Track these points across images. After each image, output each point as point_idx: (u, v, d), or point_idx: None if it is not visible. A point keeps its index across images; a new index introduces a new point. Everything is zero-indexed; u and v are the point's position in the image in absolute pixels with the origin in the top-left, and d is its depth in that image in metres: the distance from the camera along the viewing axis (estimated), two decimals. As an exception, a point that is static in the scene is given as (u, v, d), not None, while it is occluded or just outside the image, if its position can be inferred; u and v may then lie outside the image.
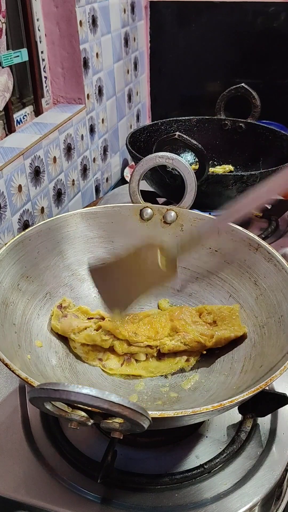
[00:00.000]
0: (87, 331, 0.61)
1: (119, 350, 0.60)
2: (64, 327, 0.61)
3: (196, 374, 0.60)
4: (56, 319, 0.62)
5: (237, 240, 0.64)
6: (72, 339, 0.61)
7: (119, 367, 0.60)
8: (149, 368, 0.60)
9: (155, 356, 0.61)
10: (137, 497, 0.51)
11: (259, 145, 1.03)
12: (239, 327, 0.60)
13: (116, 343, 0.61)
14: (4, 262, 0.58)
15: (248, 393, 0.43)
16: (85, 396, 0.34)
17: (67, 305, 0.64)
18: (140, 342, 0.60)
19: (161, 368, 0.61)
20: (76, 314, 0.63)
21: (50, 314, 0.63)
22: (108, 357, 0.61)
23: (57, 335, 0.62)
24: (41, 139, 1.00)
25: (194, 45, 1.53)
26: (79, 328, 0.61)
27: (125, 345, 0.60)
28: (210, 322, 0.62)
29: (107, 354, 0.61)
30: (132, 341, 0.60)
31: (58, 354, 0.60)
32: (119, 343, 0.61)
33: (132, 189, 0.69)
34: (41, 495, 0.51)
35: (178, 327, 0.61)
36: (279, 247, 0.92)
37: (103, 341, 0.60)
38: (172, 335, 0.61)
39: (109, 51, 1.30)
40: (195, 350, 0.61)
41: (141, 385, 0.59)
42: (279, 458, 0.54)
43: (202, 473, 0.53)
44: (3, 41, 0.92)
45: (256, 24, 1.44)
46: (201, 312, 0.64)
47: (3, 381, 0.65)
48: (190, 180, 0.67)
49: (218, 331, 0.60)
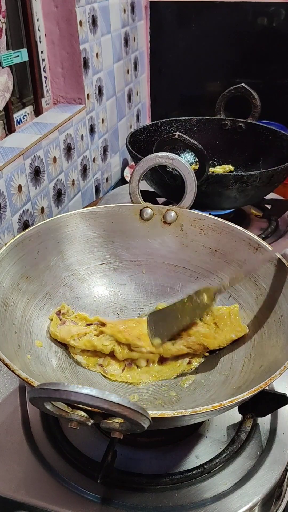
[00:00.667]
0: (87, 336, 0.60)
1: (120, 356, 0.59)
2: (63, 334, 0.60)
3: (196, 374, 0.60)
4: (55, 326, 0.61)
5: (237, 240, 0.64)
6: (72, 346, 0.60)
7: (120, 372, 0.59)
8: (151, 372, 0.60)
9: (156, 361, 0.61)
10: (137, 497, 0.51)
11: (259, 145, 1.03)
12: (240, 327, 0.60)
13: (116, 348, 0.60)
14: (4, 262, 0.58)
15: (248, 393, 0.43)
16: (85, 396, 0.34)
17: (66, 311, 0.63)
18: (143, 347, 0.59)
19: (164, 372, 0.60)
20: (74, 321, 0.62)
21: (49, 316, 0.63)
22: (109, 362, 0.60)
23: (56, 340, 0.61)
24: (41, 139, 1.00)
25: (194, 45, 1.53)
26: (79, 334, 0.60)
27: (126, 350, 0.60)
28: (211, 323, 0.62)
29: (107, 360, 0.60)
30: (135, 346, 0.59)
31: (58, 354, 0.60)
32: (120, 348, 0.60)
33: (132, 189, 0.69)
34: (41, 495, 0.51)
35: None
36: (279, 247, 0.91)
37: (103, 346, 0.60)
38: (174, 338, 0.60)
39: (109, 51, 1.30)
40: (198, 353, 0.61)
41: (141, 385, 0.59)
42: (279, 458, 0.54)
43: (202, 473, 0.53)
44: (3, 41, 0.92)
45: (256, 24, 1.44)
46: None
47: (3, 381, 0.65)
48: (190, 180, 0.67)
49: (220, 332, 0.60)
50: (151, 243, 0.70)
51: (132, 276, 0.70)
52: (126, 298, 0.69)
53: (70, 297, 0.66)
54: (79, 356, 0.61)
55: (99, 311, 0.67)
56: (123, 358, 0.60)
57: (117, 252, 0.70)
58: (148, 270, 0.70)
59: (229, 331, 0.60)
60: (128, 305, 0.68)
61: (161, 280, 0.69)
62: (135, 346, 0.59)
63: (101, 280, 0.69)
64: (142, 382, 0.59)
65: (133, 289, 0.70)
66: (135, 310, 0.68)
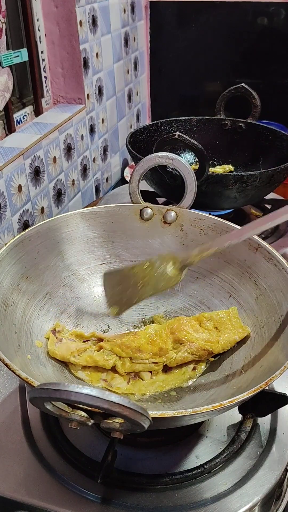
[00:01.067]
0: (88, 352, 0.59)
1: (121, 370, 0.58)
2: (62, 352, 0.58)
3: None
4: (53, 344, 0.59)
5: (237, 240, 0.64)
6: (73, 363, 0.58)
7: (126, 385, 0.58)
8: (157, 383, 0.58)
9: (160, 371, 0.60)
10: (137, 497, 0.51)
11: (259, 145, 1.03)
12: (242, 329, 0.60)
13: (118, 363, 0.58)
14: (4, 262, 0.58)
15: (248, 393, 0.43)
16: (86, 396, 0.34)
17: (61, 329, 0.61)
18: (145, 359, 0.58)
19: (169, 381, 0.59)
20: (71, 338, 0.61)
21: (44, 335, 0.60)
22: (113, 376, 0.59)
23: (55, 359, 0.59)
24: (41, 139, 1.00)
25: (194, 45, 1.53)
26: (79, 350, 0.58)
27: (128, 364, 0.58)
28: (212, 328, 0.61)
29: (110, 374, 0.59)
30: (136, 358, 0.58)
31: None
32: (121, 363, 0.58)
33: (132, 189, 0.69)
34: (41, 495, 0.51)
35: (182, 338, 0.59)
36: (279, 247, 0.92)
37: (105, 362, 0.58)
38: (176, 347, 0.59)
39: (109, 51, 1.30)
40: (202, 359, 0.60)
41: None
42: (279, 458, 0.54)
43: (202, 473, 0.53)
44: (3, 41, 0.92)
45: (256, 24, 1.44)
46: (200, 320, 0.62)
47: (3, 381, 0.65)
48: (190, 180, 0.67)
49: (222, 335, 0.59)
50: (151, 243, 0.70)
51: (132, 276, 0.70)
52: (126, 298, 0.69)
53: (70, 297, 0.66)
54: (81, 372, 0.59)
55: (99, 311, 0.67)
56: (125, 372, 0.58)
57: (117, 252, 0.70)
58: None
59: (231, 333, 0.59)
60: (128, 305, 0.68)
61: (161, 280, 0.69)
62: (137, 358, 0.58)
63: (101, 280, 0.69)
64: (149, 392, 0.58)
65: (133, 289, 0.69)
66: (135, 310, 0.68)
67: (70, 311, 0.65)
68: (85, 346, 0.59)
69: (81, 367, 0.59)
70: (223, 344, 0.59)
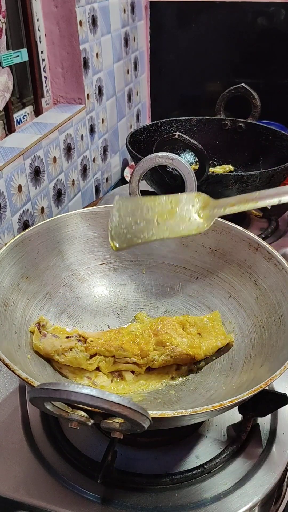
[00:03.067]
0: (73, 352, 0.57)
1: (105, 371, 0.58)
2: (46, 348, 0.57)
3: (197, 374, 0.60)
4: (37, 338, 0.58)
5: (237, 240, 0.64)
6: (56, 360, 0.57)
7: (110, 383, 0.58)
8: (141, 381, 0.58)
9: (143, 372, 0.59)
10: (137, 497, 0.51)
11: (259, 145, 1.03)
12: (224, 336, 0.60)
13: (101, 364, 0.58)
14: (4, 262, 0.58)
15: (248, 393, 0.43)
16: (86, 396, 0.34)
17: (45, 323, 0.60)
18: (128, 358, 0.58)
19: (152, 379, 0.59)
20: (54, 333, 0.59)
21: (29, 329, 0.59)
22: (97, 374, 0.58)
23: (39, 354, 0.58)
24: (41, 139, 1.00)
25: (194, 45, 1.53)
26: (64, 348, 0.57)
27: (111, 364, 0.58)
28: (195, 334, 0.61)
29: (94, 372, 0.58)
30: (119, 356, 0.58)
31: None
32: (105, 364, 0.58)
33: (132, 189, 0.69)
34: (41, 495, 0.51)
35: (164, 341, 0.59)
36: (279, 247, 0.92)
37: (88, 365, 0.57)
38: (158, 349, 0.59)
39: (109, 51, 1.30)
40: (184, 363, 0.59)
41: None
42: (279, 458, 0.54)
43: (202, 473, 0.53)
44: (3, 41, 0.92)
45: (256, 24, 1.44)
46: (183, 324, 0.62)
47: (3, 381, 0.65)
48: (190, 180, 0.67)
49: (204, 341, 0.59)
50: (151, 243, 0.70)
51: (132, 276, 0.70)
52: (126, 298, 0.69)
53: (70, 297, 0.66)
54: (64, 369, 0.58)
55: (99, 311, 0.67)
56: (108, 372, 0.58)
57: (117, 252, 0.70)
58: (148, 270, 0.70)
59: (213, 340, 0.59)
60: (128, 305, 0.68)
61: (161, 280, 0.69)
62: (120, 356, 0.58)
63: (101, 280, 0.69)
64: (132, 392, 0.57)
65: (133, 289, 0.70)
66: (135, 310, 0.68)
67: (70, 311, 0.65)
68: (70, 344, 0.58)
69: (64, 364, 0.58)
70: (205, 350, 0.59)
